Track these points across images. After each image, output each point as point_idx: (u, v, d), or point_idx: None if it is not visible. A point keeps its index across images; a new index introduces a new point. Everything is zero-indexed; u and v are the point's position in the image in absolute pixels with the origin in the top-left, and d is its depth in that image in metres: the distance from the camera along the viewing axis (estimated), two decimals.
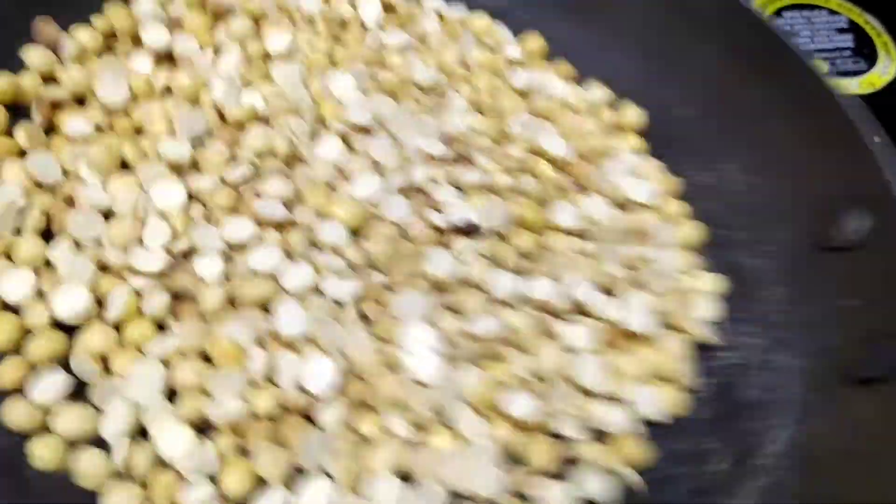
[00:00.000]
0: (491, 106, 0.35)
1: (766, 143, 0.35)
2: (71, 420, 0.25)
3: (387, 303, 0.29)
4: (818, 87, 0.33)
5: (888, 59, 0.46)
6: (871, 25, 0.48)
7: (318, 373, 0.27)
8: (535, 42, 0.39)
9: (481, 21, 0.39)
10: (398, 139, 0.33)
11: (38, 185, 0.30)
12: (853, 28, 0.48)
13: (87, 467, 0.24)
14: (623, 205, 0.34)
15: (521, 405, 0.27)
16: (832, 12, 0.49)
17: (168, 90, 0.33)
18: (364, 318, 0.29)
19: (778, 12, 0.48)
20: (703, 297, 0.32)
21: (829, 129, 0.33)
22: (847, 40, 0.47)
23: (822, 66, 0.34)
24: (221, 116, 0.32)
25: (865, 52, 0.47)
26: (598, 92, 0.38)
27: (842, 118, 0.32)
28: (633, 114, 0.37)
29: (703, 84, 0.37)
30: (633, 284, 0.31)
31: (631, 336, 0.30)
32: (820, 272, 0.32)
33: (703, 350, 0.31)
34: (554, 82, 0.37)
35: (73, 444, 0.25)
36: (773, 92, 0.35)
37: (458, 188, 0.32)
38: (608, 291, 0.31)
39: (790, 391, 0.30)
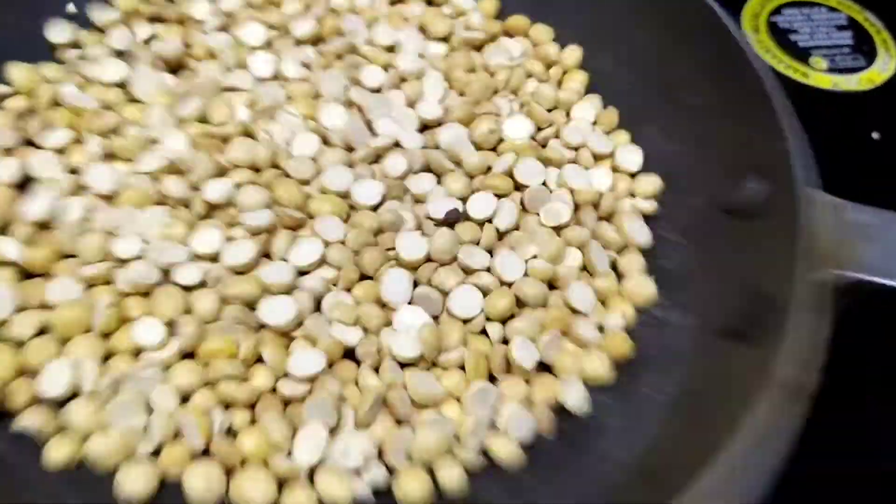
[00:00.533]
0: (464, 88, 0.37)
1: (686, 111, 0.35)
2: None
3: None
4: (739, 60, 0.33)
5: (887, 56, 0.46)
6: (871, 22, 0.47)
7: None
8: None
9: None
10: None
11: None
12: (852, 25, 0.47)
13: None
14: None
15: None
16: (832, 9, 0.48)
17: None
18: None
19: (778, 10, 0.48)
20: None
21: (746, 100, 0.32)
22: (846, 37, 0.47)
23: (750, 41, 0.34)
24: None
25: (865, 49, 0.46)
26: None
27: (758, 90, 0.31)
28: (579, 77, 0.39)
29: (642, 57, 0.38)
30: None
31: None
32: (719, 236, 0.32)
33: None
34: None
35: None
36: (699, 64, 0.35)
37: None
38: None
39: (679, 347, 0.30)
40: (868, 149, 0.42)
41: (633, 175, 0.35)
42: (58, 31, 0.37)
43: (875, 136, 0.43)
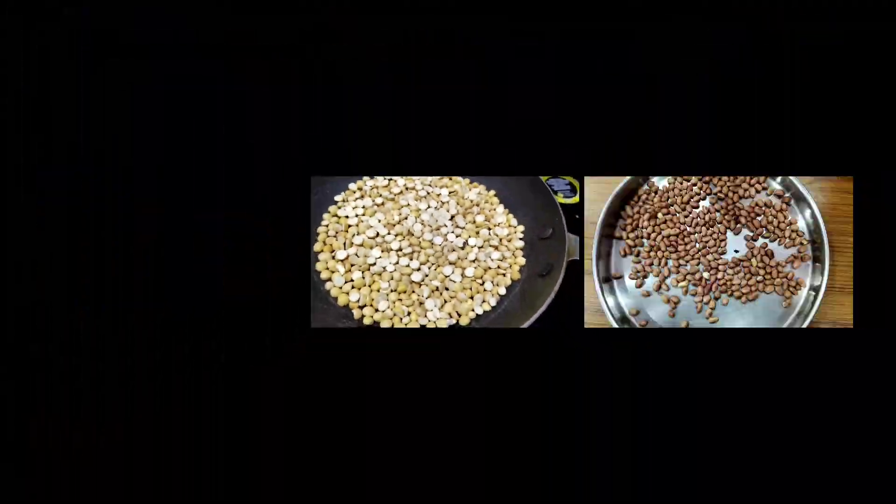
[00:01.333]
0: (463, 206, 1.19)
1: (534, 210, 1.18)
2: None
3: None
4: (549, 196, 1.17)
5: (578, 192, 1.34)
6: (575, 181, 1.36)
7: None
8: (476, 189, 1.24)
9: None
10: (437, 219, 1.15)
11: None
12: (570, 183, 1.35)
13: None
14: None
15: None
16: (564, 177, 1.36)
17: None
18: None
19: (548, 179, 1.36)
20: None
21: (546, 205, 1.16)
22: (569, 186, 1.34)
23: (555, 193, 1.21)
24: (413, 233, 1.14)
25: (574, 189, 1.34)
26: (484, 190, 1.23)
27: (552, 202, 1.15)
28: (495, 200, 1.22)
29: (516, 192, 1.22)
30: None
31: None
32: (537, 247, 1.14)
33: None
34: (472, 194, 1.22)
35: None
36: (537, 197, 1.19)
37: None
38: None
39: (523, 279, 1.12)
40: (577, 222, 1.28)
41: (515, 226, 1.18)
42: (339, 196, 1.15)
43: (577, 216, 1.28)
